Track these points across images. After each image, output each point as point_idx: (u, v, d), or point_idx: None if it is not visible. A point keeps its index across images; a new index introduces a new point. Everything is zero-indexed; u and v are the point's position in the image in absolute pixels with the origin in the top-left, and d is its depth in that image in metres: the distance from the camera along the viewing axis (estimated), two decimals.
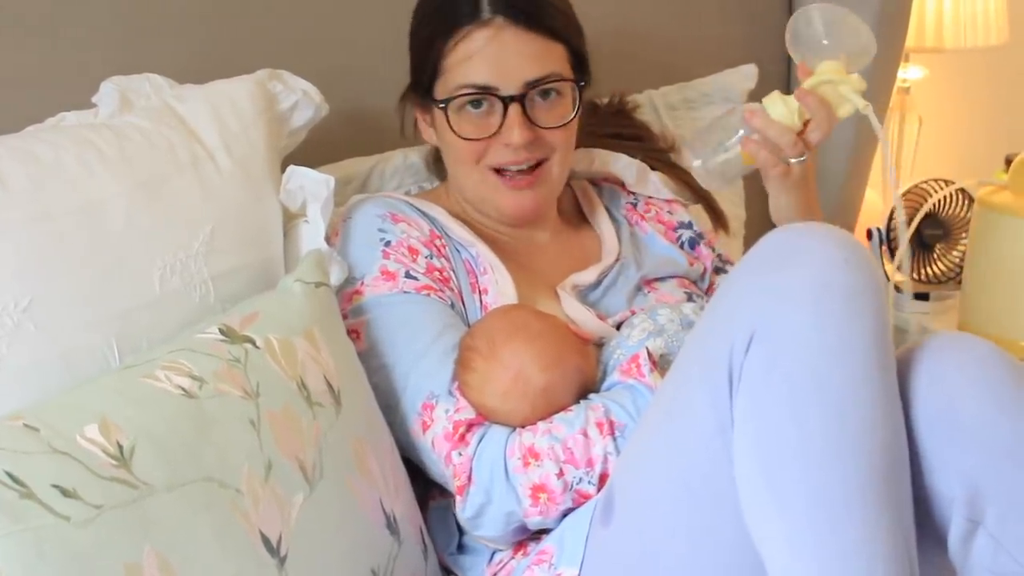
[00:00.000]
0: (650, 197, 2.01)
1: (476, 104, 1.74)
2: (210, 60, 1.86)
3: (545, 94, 1.75)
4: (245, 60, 1.81)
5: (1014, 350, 1.48)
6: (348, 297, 1.71)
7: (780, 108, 1.65)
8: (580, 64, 1.80)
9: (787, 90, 2.66)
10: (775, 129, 1.65)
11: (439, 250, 1.76)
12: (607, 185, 2.03)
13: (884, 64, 2.59)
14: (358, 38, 2.06)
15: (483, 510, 1.60)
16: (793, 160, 1.67)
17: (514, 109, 1.72)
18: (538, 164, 1.77)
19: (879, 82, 2.59)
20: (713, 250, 2.01)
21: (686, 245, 1.98)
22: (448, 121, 1.74)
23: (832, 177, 2.64)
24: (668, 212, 2.01)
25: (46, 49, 1.79)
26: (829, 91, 1.67)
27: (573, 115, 1.79)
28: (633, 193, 2.01)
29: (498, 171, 1.77)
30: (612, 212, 1.97)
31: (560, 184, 1.84)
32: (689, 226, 2.00)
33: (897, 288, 2.41)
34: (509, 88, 1.72)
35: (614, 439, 1.57)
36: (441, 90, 1.75)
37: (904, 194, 2.53)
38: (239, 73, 1.76)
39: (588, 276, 1.84)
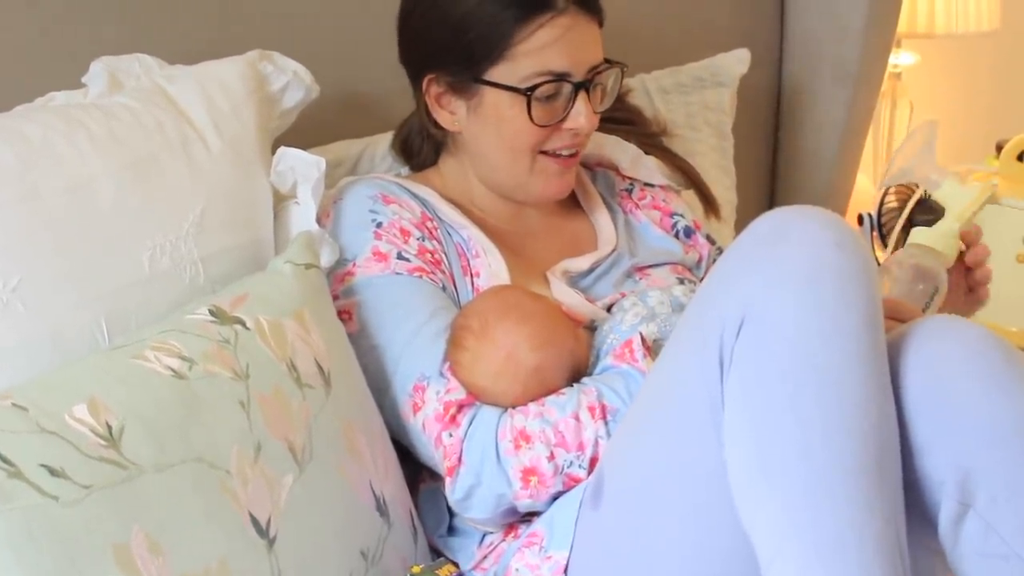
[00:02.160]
0: (645, 184, 2.01)
1: (552, 92, 1.73)
2: (200, 41, 1.86)
3: (608, 81, 1.79)
4: (236, 41, 1.80)
5: (1002, 335, 1.48)
6: (340, 278, 1.71)
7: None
8: None
9: (777, 74, 2.68)
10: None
11: (431, 232, 1.75)
12: (601, 170, 2.02)
13: (876, 49, 2.59)
14: (350, 20, 2.06)
15: (472, 492, 1.60)
16: None
17: (583, 96, 1.74)
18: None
19: (871, 67, 2.60)
20: (714, 243, 2.01)
21: (681, 233, 1.98)
22: (529, 108, 1.72)
23: (824, 160, 2.65)
24: (663, 199, 2.01)
25: (35, 29, 1.78)
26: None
27: (613, 98, 1.82)
28: (628, 179, 2.01)
29: (547, 152, 1.78)
30: (607, 200, 1.97)
31: None
32: (683, 216, 2.00)
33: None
34: (578, 75, 1.73)
35: (606, 423, 1.57)
36: (505, 75, 1.72)
37: None
38: (230, 54, 1.75)
39: (581, 263, 1.84)
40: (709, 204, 2.16)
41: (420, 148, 1.92)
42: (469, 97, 1.76)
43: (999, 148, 2.44)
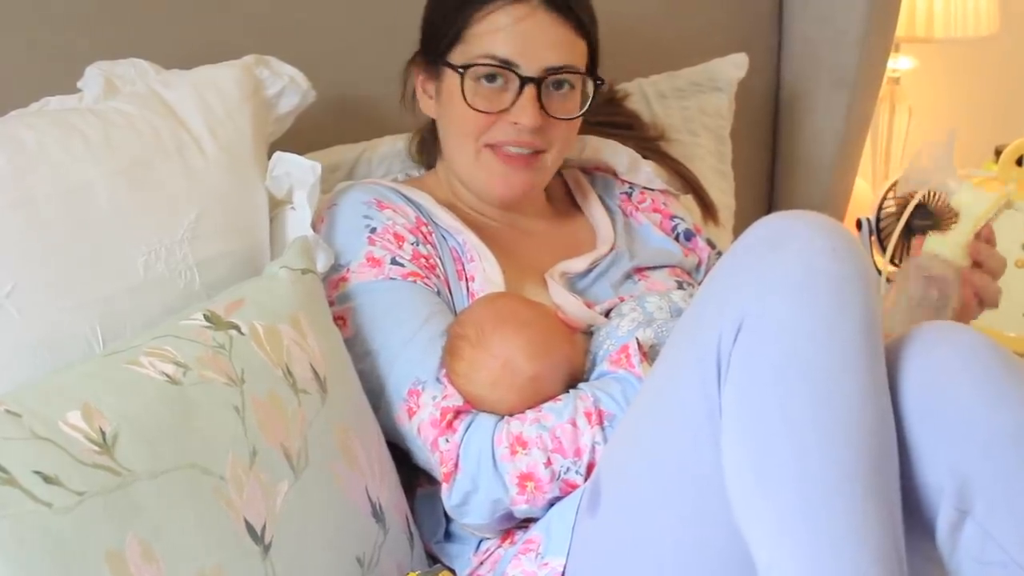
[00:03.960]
0: (644, 187, 2.01)
1: (492, 78, 1.74)
2: (196, 45, 1.85)
3: (560, 84, 1.77)
4: (232, 46, 1.80)
5: (1001, 340, 1.47)
6: (334, 284, 1.71)
7: None
8: (593, 67, 1.83)
9: (775, 79, 2.68)
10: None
11: (425, 237, 1.75)
12: (600, 174, 2.03)
13: (874, 54, 2.59)
14: (346, 24, 2.05)
15: (469, 498, 1.59)
16: None
17: (530, 91, 1.73)
18: (534, 154, 1.78)
19: (869, 72, 2.60)
20: (714, 247, 2.01)
21: (681, 236, 1.98)
22: (462, 88, 1.73)
23: (822, 165, 2.65)
24: (663, 202, 2.01)
25: (31, 33, 1.77)
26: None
27: (581, 111, 1.80)
28: (627, 183, 2.01)
29: (493, 147, 1.77)
30: (606, 202, 1.97)
31: (550, 175, 1.85)
32: (683, 220, 2.00)
33: (889, 279, 2.41)
34: (529, 69, 1.73)
35: (602, 429, 1.57)
36: (459, 56, 1.75)
37: (894, 184, 2.52)
38: (226, 59, 1.75)
39: (578, 264, 1.83)
40: (707, 209, 2.16)
41: (430, 147, 1.93)
42: (438, 80, 1.80)
43: (998, 153, 2.44)
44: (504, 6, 1.72)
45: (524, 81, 1.73)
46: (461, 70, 1.74)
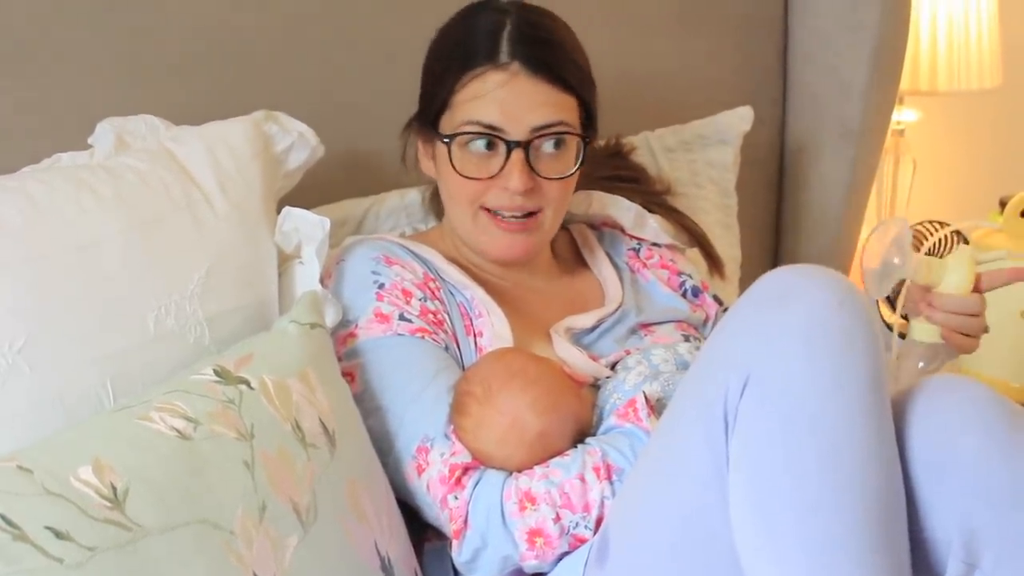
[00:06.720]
0: (653, 244, 2.01)
1: (480, 144, 1.73)
2: (206, 101, 1.86)
3: (551, 143, 1.75)
4: (241, 101, 1.81)
5: (1008, 392, 1.48)
6: (342, 340, 1.71)
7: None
8: (589, 120, 1.81)
9: (780, 132, 2.68)
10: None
11: (433, 293, 1.75)
12: (607, 230, 2.02)
13: (879, 106, 2.60)
14: (354, 80, 2.07)
15: (479, 554, 1.59)
16: None
17: (517, 155, 1.72)
18: (531, 214, 1.78)
19: (874, 124, 2.61)
20: (721, 304, 2.01)
21: (689, 293, 1.98)
22: (450, 157, 1.74)
23: (828, 217, 2.65)
24: (671, 259, 2.01)
25: (42, 90, 1.79)
26: None
27: (574, 169, 1.79)
28: (635, 239, 2.01)
29: (490, 211, 1.77)
30: (613, 258, 1.97)
31: (551, 233, 1.84)
32: (691, 276, 2.00)
33: (902, 334, 2.40)
34: (515, 133, 1.72)
35: (611, 483, 1.57)
36: (447, 124, 1.76)
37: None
38: (235, 114, 1.76)
39: (585, 321, 1.83)
40: (713, 262, 2.16)
41: (433, 201, 1.94)
42: (432, 147, 1.80)
43: (1003, 204, 2.44)
44: (484, 74, 1.72)
45: (511, 145, 1.72)
46: (447, 139, 1.74)
